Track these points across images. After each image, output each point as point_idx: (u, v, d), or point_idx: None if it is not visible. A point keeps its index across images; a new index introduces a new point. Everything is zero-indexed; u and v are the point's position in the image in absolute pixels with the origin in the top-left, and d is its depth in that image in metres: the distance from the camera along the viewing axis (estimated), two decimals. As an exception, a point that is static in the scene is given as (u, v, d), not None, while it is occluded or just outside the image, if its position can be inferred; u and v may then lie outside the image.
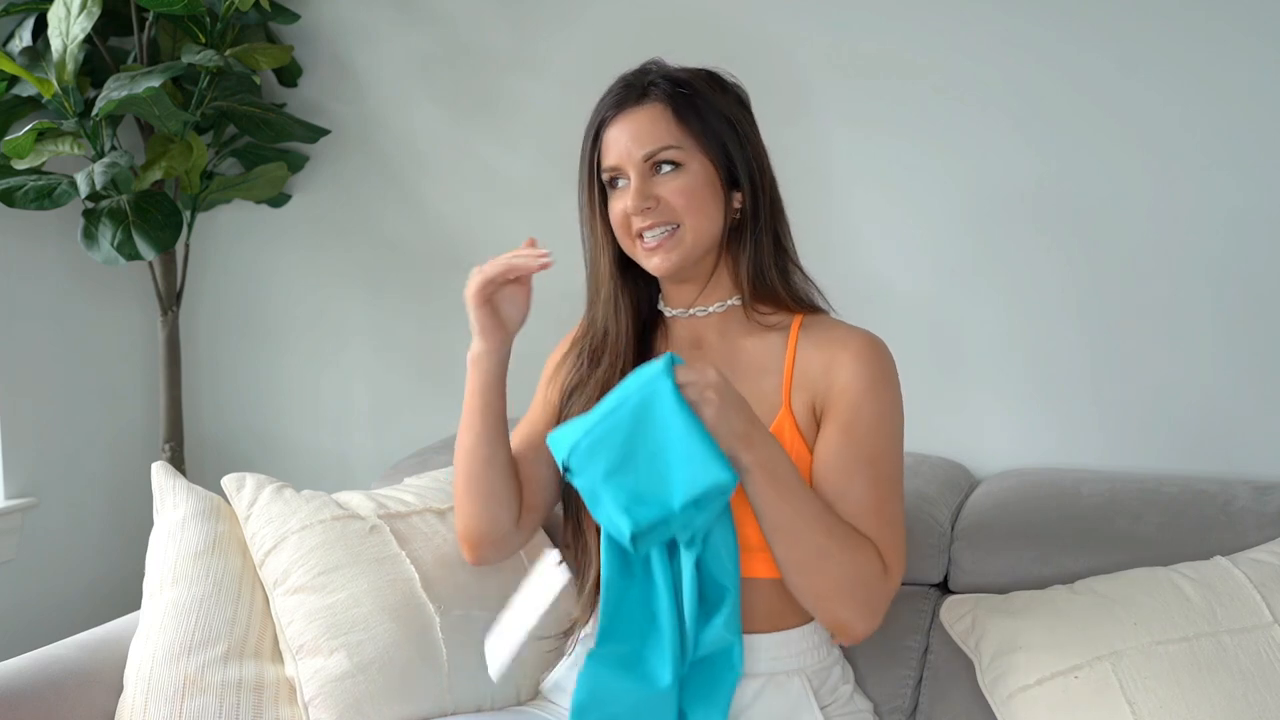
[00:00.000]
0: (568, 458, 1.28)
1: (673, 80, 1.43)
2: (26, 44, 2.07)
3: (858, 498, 1.37)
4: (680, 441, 1.25)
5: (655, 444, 1.26)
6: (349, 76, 2.30)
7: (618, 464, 1.27)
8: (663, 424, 1.26)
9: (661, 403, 1.26)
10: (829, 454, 1.39)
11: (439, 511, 1.69)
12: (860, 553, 1.34)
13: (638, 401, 1.27)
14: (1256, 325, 1.81)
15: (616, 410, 1.28)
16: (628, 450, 1.27)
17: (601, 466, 1.27)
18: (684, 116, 1.41)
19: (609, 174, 1.43)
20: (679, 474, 1.25)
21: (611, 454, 1.27)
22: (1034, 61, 1.88)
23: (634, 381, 1.29)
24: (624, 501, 1.25)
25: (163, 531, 1.61)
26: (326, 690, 1.47)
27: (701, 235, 1.42)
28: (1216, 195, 1.81)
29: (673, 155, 1.41)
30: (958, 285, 1.95)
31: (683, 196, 1.40)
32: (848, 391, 1.40)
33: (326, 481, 2.24)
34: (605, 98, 1.45)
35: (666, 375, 1.27)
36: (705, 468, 1.24)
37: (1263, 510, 1.60)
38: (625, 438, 1.27)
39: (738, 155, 1.43)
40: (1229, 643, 1.40)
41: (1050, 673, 1.43)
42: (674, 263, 1.42)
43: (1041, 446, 1.92)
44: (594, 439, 1.27)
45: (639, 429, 1.27)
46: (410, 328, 2.32)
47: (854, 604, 1.35)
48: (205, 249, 2.39)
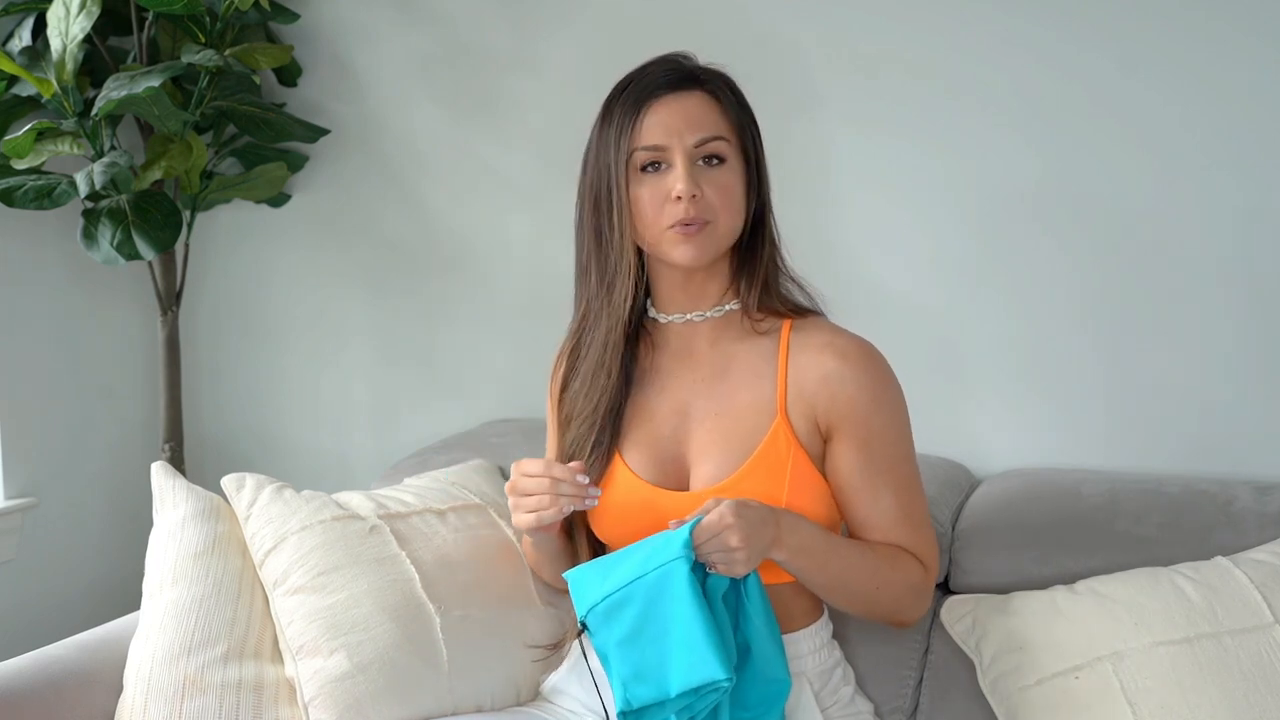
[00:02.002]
0: (585, 616, 1.30)
1: (716, 73, 1.42)
2: (26, 44, 2.06)
3: (885, 509, 1.41)
4: (685, 628, 1.24)
5: (663, 624, 1.26)
6: (349, 76, 2.30)
7: (628, 636, 1.27)
8: (672, 606, 1.25)
9: (675, 584, 1.25)
10: (851, 473, 1.40)
11: (439, 512, 1.68)
12: (902, 570, 1.41)
13: (654, 579, 1.26)
14: (1258, 325, 1.81)
15: (634, 584, 1.27)
16: (638, 625, 1.27)
17: (615, 634, 1.28)
18: (731, 111, 1.41)
19: (648, 154, 1.38)
20: (679, 660, 1.25)
21: (624, 625, 1.27)
22: (1034, 61, 1.87)
23: (655, 553, 1.28)
24: (625, 675, 1.27)
25: (163, 531, 1.61)
26: (326, 690, 1.46)
27: (730, 234, 1.41)
28: (1218, 195, 1.81)
29: (720, 148, 1.39)
30: (958, 286, 1.95)
31: (724, 194, 1.39)
32: (855, 406, 1.39)
33: (326, 481, 2.24)
34: (648, 78, 1.40)
35: (684, 557, 1.26)
36: (704, 661, 1.23)
37: (1264, 510, 1.60)
38: (638, 611, 1.27)
39: (761, 161, 1.44)
40: (1230, 643, 1.40)
41: (1051, 673, 1.43)
42: (705, 256, 1.39)
43: (1042, 447, 1.92)
44: (610, 605, 1.28)
45: (651, 606, 1.26)
46: (410, 328, 2.32)
47: (906, 608, 1.44)
48: (205, 249, 2.39)
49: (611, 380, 1.45)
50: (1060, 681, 1.42)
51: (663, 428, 1.46)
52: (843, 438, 1.40)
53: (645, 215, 1.39)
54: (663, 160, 1.38)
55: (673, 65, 1.41)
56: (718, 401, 1.44)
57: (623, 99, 1.40)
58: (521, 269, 2.22)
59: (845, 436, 1.40)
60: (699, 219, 1.37)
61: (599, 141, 1.42)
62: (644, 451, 1.45)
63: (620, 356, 1.45)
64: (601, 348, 1.45)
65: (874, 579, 1.39)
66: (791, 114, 1.98)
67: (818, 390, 1.40)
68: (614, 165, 1.39)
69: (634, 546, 1.31)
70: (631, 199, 1.39)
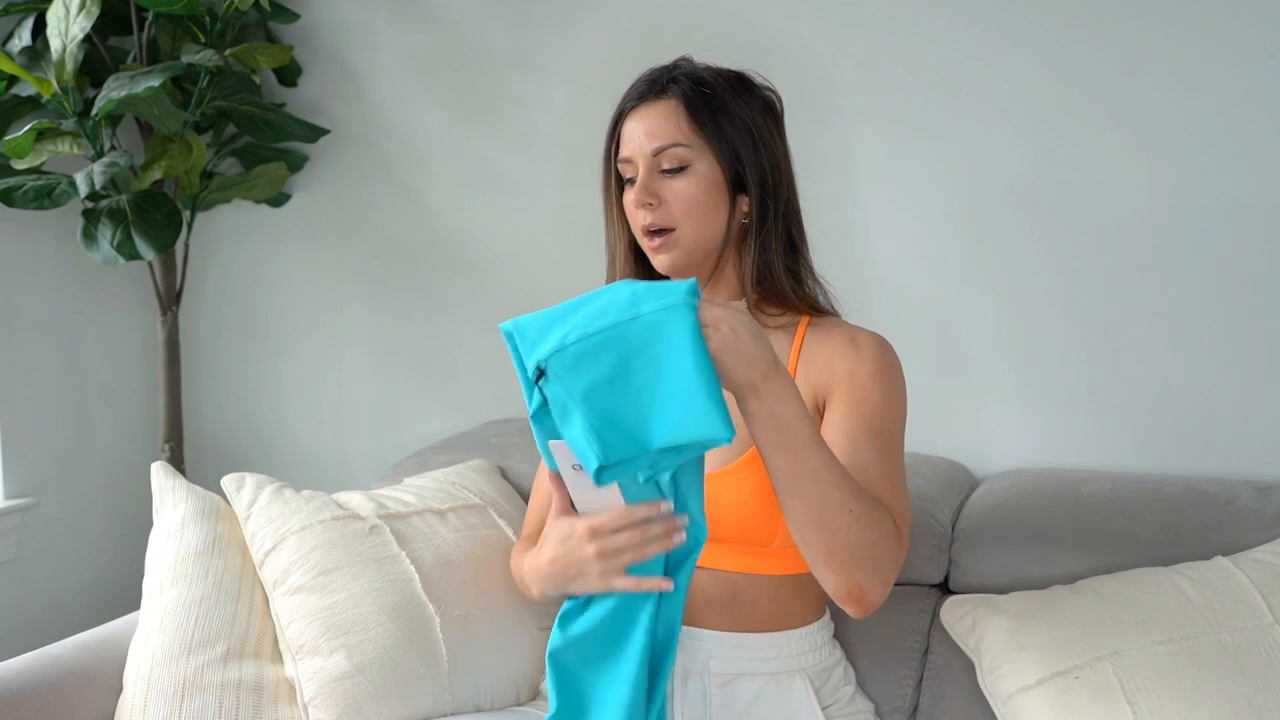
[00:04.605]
0: (547, 359, 1.13)
1: (694, 79, 1.42)
2: (26, 44, 2.07)
3: (867, 462, 1.33)
4: (683, 380, 1.11)
5: (653, 372, 1.12)
6: (349, 76, 2.30)
7: (602, 383, 1.13)
8: (669, 354, 1.12)
9: (674, 332, 1.12)
10: (837, 428, 1.37)
11: (439, 512, 1.69)
12: (877, 513, 1.27)
13: (648, 324, 1.13)
14: (1257, 325, 1.81)
15: (618, 326, 1.13)
16: (619, 372, 1.13)
17: (583, 381, 1.13)
18: (697, 115, 1.41)
19: (623, 167, 1.44)
20: (669, 413, 1.11)
21: (599, 371, 1.13)
22: (1033, 60, 1.87)
23: (649, 299, 1.14)
24: (597, 424, 1.12)
25: (162, 531, 1.61)
26: (326, 690, 1.47)
27: (701, 239, 1.42)
28: (1217, 195, 1.81)
29: (680, 154, 1.40)
30: (958, 286, 1.95)
31: (683, 202, 1.40)
32: (853, 376, 1.39)
33: (326, 481, 2.24)
34: (629, 90, 1.45)
35: (689, 306, 1.12)
36: (704, 417, 1.10)
37: (1263, 510, 1.60)
38: (621, 357, 1.13)
39: (749, 159, 1.42)
40: (1230, 643, 1.40)
41: (1051, 673, 1.43)
42: (674, 262, 1.42)
43: (1042, 446, 1.92)
44: (584, 348, 1.13)
45: (639, 353, 1.13)
46: (410, 328, 2.32)
47: (870, 567, 1.27)
48: (205, 249, 2.39)
49: None
50: (1060, 681, 1.42)
51: None
52: (837, 399, 1.39)
53: (631, 221, 1.46)
54: (634, 172, 1.43)
55: (648, 78, 1.45)
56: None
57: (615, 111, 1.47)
58: (521, 268, 2.22)
59: (839, 398, 1.39)
60: (658, 225, 1.41)
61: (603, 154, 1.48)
62: None
63: None
64: None
65: (850, 501, 1.23)
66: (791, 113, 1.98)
67: (821, 370, 1.41)
68: (606, 178, 1.48)
69: (587, 296, 1.18)
70: (624, 204, 1.46)
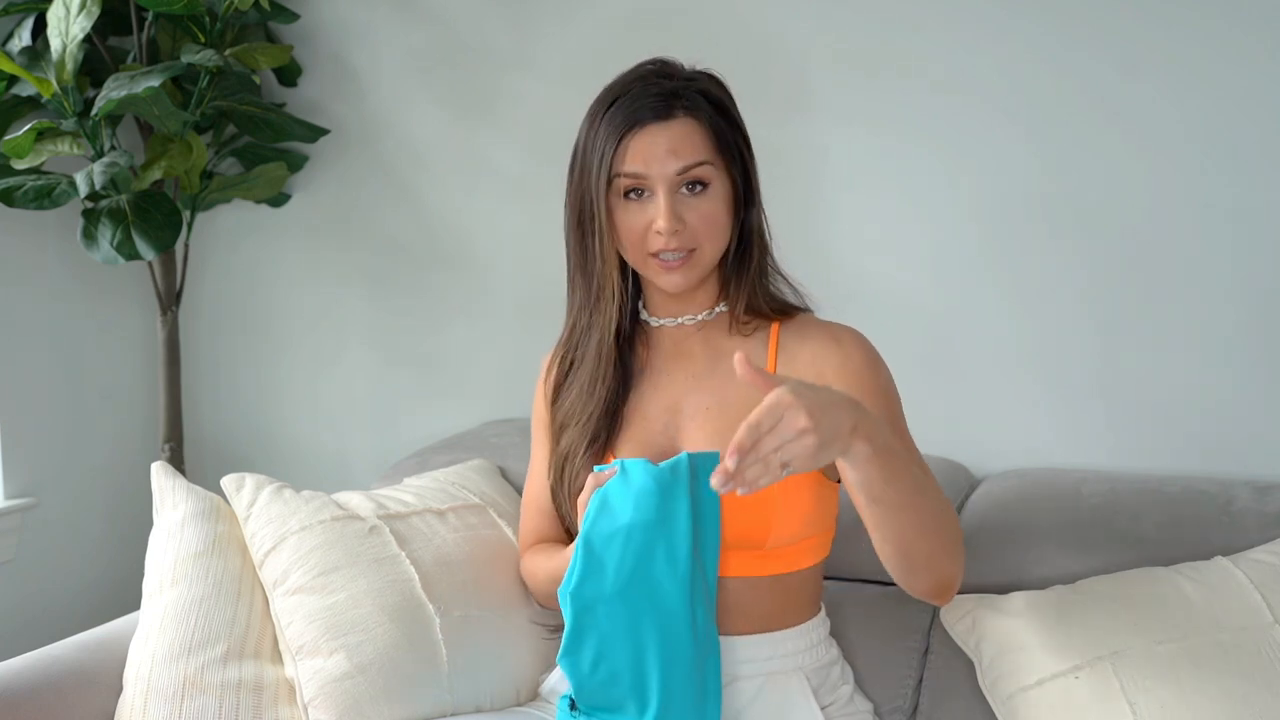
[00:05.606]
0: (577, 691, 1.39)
1: (704, 94, 1.38)
2: (26, 44, 2.06)
3: None
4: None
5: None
6: (349, 76, 2.30)
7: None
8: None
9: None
10: None
11: (439, 512, 1.69)
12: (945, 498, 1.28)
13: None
14: (1257, 325, 1.81)
15: None
16: None
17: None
18: (718, 132, 1.38)
19: (630, 182, 1.37)
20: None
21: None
22: (1034, 60, 1.87)
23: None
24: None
25: (162, 532, 1.61)
26: (326, 691, 1.47)
27: (715, 257, 1.41)
28: (1218, 196, 1.81)
29: (703, 173, 1.36)
30: (957, 285, 1.95)
31: (707, 221, 1.37)
32: (846, 372, 1.39)
33: (326, 481, 2.24)
34: (633, 101, 1.36)
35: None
36: None
37: (1263, 510, 1.60)
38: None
39: (752, 171, 1.42)
40: (1229, 643, 1.40)
41: (1051, 673, 1.43)
42: (690, 283, 1.40)
43: (1042, 446, 1.92)
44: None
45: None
46: (410, 328, 2.32)
47: (958, 553, 1.29)
48: (205, 249, 2.39)
49: (608, 385, 1.46)
50: (1060, 681, 1.42)
51: (655, 425, 1.46)
52: None
53: (628, 240, 1.39)
54: (645, 188, 1.37)
55: (656, 88, 1.37)
56: (710, 395, 1.44)
57: (608, 117, 1.37)
58: (521, 268, 2.22)
59: None
60: (682, 248, 1.37)
61: (583, 154, 1.40)
62: (637, 450, 1.45)
63: (614, 362, 1.46)
64: (596, 357, 1.46)
65: (940, 499, 1.25)
66: (789, 113, 1.98)
67: (806, 371, 1.40)
68: (595, 187, 1.38)
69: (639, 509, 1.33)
70: (615, 223, 1.39)
